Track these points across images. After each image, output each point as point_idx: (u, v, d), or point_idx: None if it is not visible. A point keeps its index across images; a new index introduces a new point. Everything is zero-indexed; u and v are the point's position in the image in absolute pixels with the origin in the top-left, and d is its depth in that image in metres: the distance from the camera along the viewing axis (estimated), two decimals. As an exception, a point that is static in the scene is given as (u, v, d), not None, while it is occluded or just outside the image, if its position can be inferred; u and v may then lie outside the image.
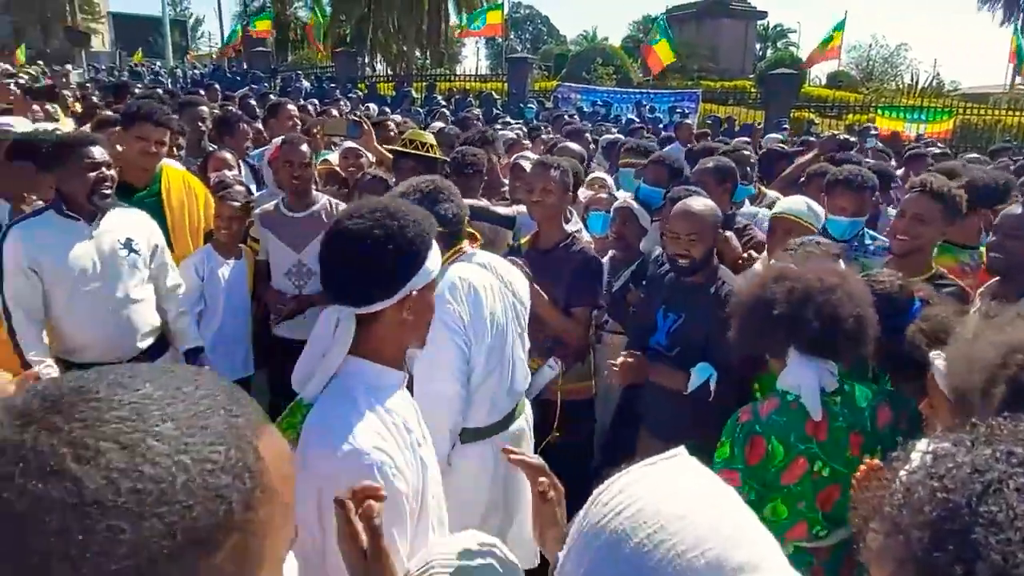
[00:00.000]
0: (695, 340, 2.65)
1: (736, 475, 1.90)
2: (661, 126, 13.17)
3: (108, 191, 2.76)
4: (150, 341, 2.97)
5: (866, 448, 1.97)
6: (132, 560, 0.47)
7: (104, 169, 2.73)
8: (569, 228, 3.20)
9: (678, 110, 16.13)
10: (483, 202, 3.63)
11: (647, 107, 16.35)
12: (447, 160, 3.69)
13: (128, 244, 2.85)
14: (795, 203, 3.13)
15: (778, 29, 49.63)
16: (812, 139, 8.76)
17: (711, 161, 3.45)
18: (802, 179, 4.02)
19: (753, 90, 23.71)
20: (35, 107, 6.14)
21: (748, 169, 3.89)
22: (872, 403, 2.02)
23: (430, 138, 3.74)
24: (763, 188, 4.46)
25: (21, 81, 8.08)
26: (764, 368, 2.48)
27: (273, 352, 3.59)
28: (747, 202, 3.99)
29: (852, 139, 5.79)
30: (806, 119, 17.00)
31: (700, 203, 2.70)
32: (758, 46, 40.21)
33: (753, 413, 1.98)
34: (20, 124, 4.05)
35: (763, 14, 35.83)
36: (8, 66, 20.25)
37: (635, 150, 4.71)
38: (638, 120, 12.45)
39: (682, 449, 0.79)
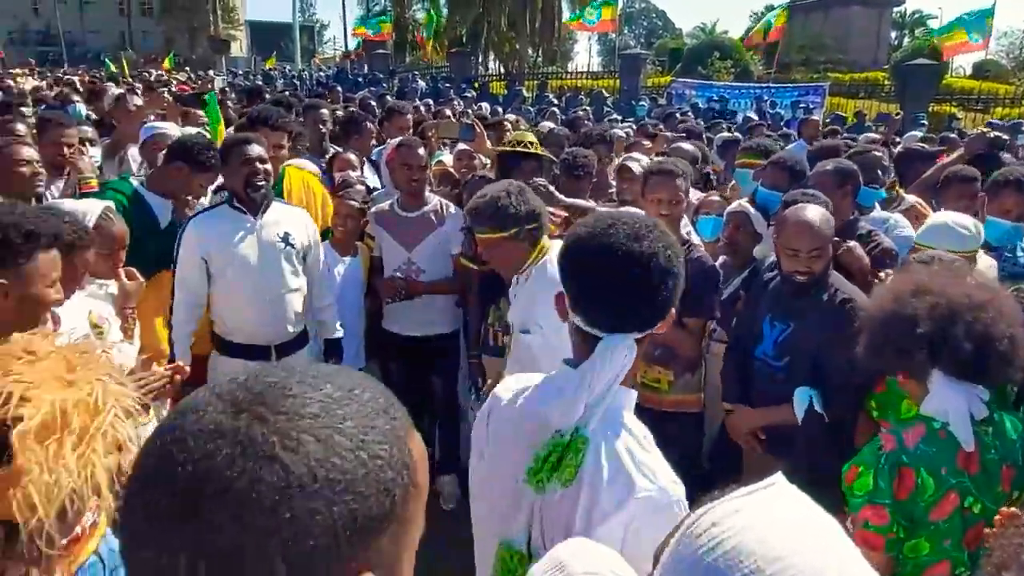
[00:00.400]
0: (806, 351, 2.51)
1: (884, 511, 1.73)
2: (783, 123, 12.60)
3: (261, 184, 2.98)
4: (300, 329, 3.19)
5: (1017, 484, 1.79)
6: (323, 539, 0.53)
7: (258, 164, 2.97)
8: (683, 233, 3.08)
9: (802, 105, 15.37)
10: (590, 203, 3.59)
11: (767, 102, 15.66)
12: (554, 159, 3.68)
13: (286, 238, 3.07)
14: (943, 234, 2.63)
15: (916, 16, 46.35)
16: (954, 136, 8.10)
17: (831, 163, 3.23)
18: (939, 183, 3.70)
19: (887, 83, 22.21)
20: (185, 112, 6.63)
21: (879, 171, 3.62)
22: (1022, 434, 1.83)
23: (532, 137, 3.76)
24: (900, 191, 4.13)
25: (173, 89, 8.78)
26: (880, 383, 2.33)
27: (383, 345, 3.78)
28: (877, 206, 3.71)
29: (1004, 136, 5.18)
30: (947, 113, 15.76)
31: (817, 214, 2.52)
32: (893, 35, 37.61)
33: (898, 442, 1.79)
34: (171, 129, 4.41)
35: (899, 0, 33.52)
36: (160, 72, 22.20)
37: (754, 149, 4.51)
38: (756, 117, 11.91)
39: (780, 476, 0.75)
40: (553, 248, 2.52)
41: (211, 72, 21.53)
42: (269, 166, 3.06)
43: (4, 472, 0.90)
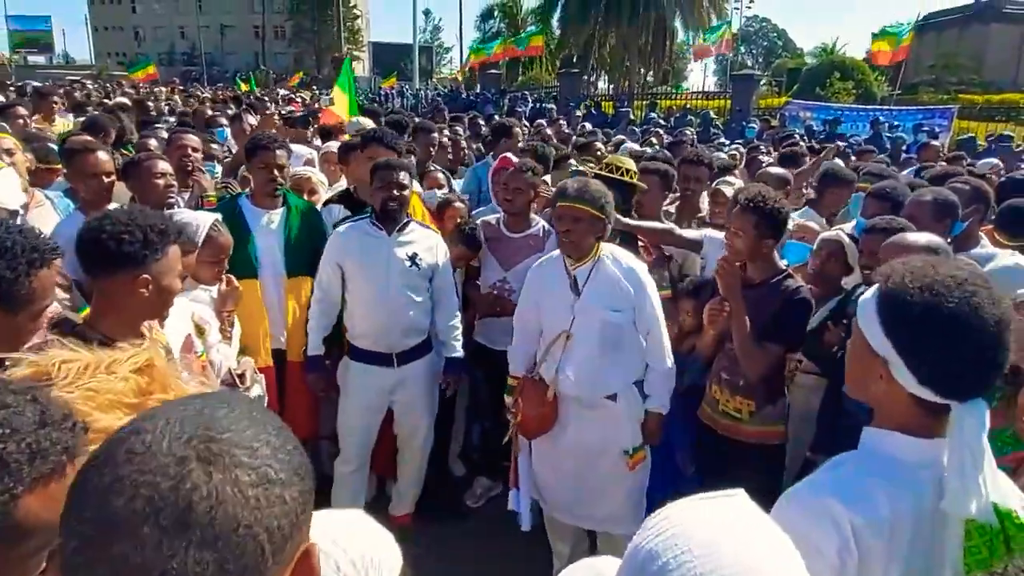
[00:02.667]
0: None
1: None
2: (904, 147, 11.96)
3: (394, 208, 3.30)
4: (417, 341, 3.44)
5: None
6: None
7: (395, 191, 3.27)
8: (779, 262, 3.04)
9: (925, 128, 14.52)
10: (669, 225, 3.63)
11: (885, 125, 14.89)
12: (645, 187, 3.71)
13: (413, 258, 3.36)
14: None
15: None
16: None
17: (928, 192, 3.10)
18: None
19: (1027, 105, 20.66)
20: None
21: (985, 202, 3.44)
22: None
23: (630, 163, 3.79)
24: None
25: (292, 107, 9.41)
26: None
27: (472, 355, 3.88)
28: (986, 240, 3.52)
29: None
30: (1094, 138, 14.45)
31: (922, 238, 2.46)
32: (1038, 53, 34.76)
33: None
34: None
35: (1046, 16, 30.99)
36: (287, 92, 23.76)
37: (874, 174, 4.37)
38: (862, 142, 11.19)
39: (740, 491, 0.82)
40: (607, 248, 2.91)
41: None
42: (408, 192, 3.37)
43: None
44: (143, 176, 3.36)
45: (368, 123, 4.82)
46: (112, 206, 3.44)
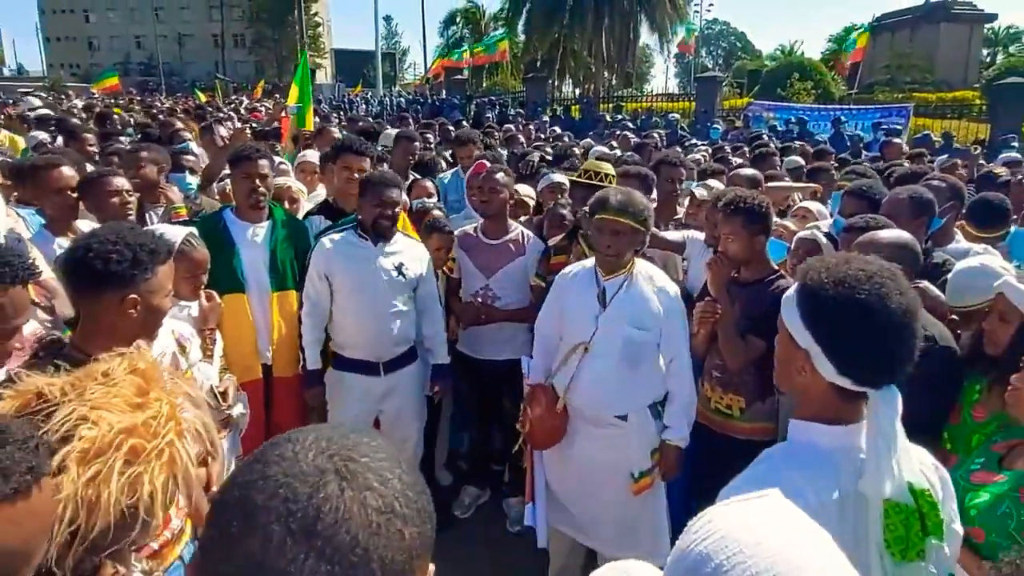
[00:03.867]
0: None
1: None
2: (862, 145, 12.23)
3: (387, 225, 3.28)
4: (403, 349, 3.43)
5: None
6: (401, 556, 0.66)
7: (388, 210, 3.26)
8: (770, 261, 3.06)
9: (884, 127, 14.86)
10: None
11: (846, 124, 15.22)
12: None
13: (399, 268, 3.34)
14: None
15: (1011, 32, 44.14)
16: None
17: (905, 191, 3.17)
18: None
19: (979, 102, 21.25)
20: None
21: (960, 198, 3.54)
22: None
23: (608, 168, 3.81)
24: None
25: (255, 126, 9.25)
26: (955, 416, 2.31)
27: (455, 365, 3.85)
28: (960, 236, 3.61)
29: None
30: (1043, 134, 14.92)
31: (888, 234, 2.52)
32: (985, 52, 35.92)
33: None
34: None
35: (992, 16, 32.09)
36: (251, 102, 23.44)
37: (858, 173, 4.44)
38: (825, 141, 11.37)
39: (775, 490, 0.87)
40: (641, 264, 2.87)
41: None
42: (399, 209, 3.36)
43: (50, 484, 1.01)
44: (99, 194, 3.25)
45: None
46: (80, 222, 3.36)
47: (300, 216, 3.95)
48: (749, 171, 4.76)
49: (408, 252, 3.41)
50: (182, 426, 1.18)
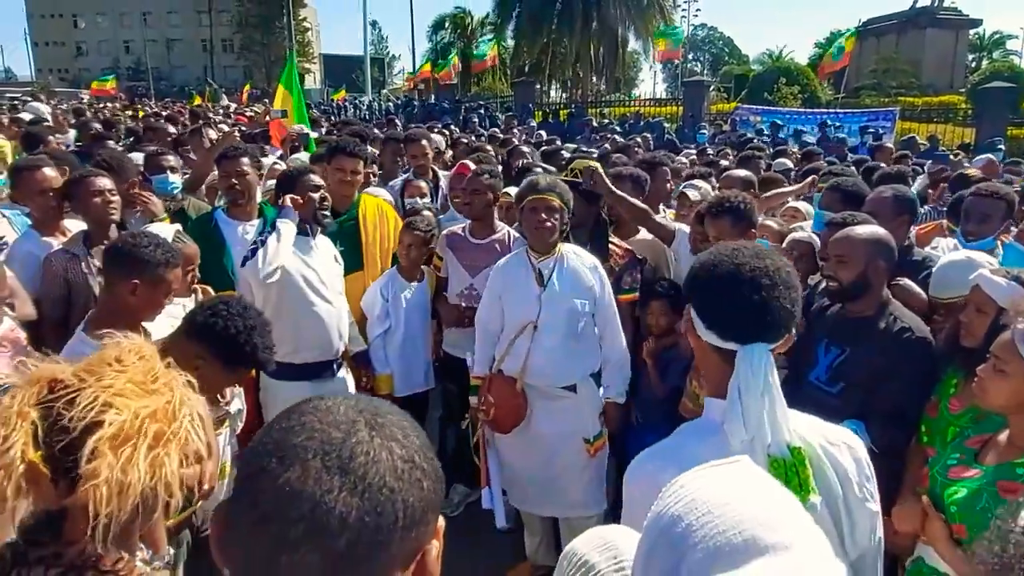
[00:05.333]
0: (859, 377, 2.51)
1: None
2: (847, 148, 12.37)
3: (326, 211, 3.28)
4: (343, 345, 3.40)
5: None
6: (420, 504, 0.72)
7: (323, 191, 3.27)
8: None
9: (870, 130, 15.04)
10: (638, 203, 3.69)
11: (832, 127, 15.38)
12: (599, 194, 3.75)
13: (335, 259, 3.34)
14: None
15: (995, 37, 44.71)
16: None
17: (888, 189, 3.25)
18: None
19: (964, 106, 21.52)
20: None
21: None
22: None
23: (595, 164, 3.87)
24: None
25: (243, 129, 9.23)
26: (932, 409, 2.36)
27: (443, 366, 3.93)
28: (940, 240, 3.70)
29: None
30: (1027, 137, 15.16)
31: (862, 229, 2.59)
32: (970, 57, 36.34)
33: None
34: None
35: (976, 22, 32.47)
36: (234, 104, 23.39)
37: (836, 174, 4.51)
38: (813, 142, 11.55)
39: (745, 456, 0.92)
40: (567, 245, 3.09)
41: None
42: (327, 194, 3.34)
43: (82, 472, 1.05)
44: (83, 194, 3.23)
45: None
46: (68, 222, 3.37)
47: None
48: (742, 172, 4.83)
49: (328, 243, 3.41)
50: (194, 410, 1.21)
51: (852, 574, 1.42)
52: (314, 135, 7.68)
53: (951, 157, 10.53)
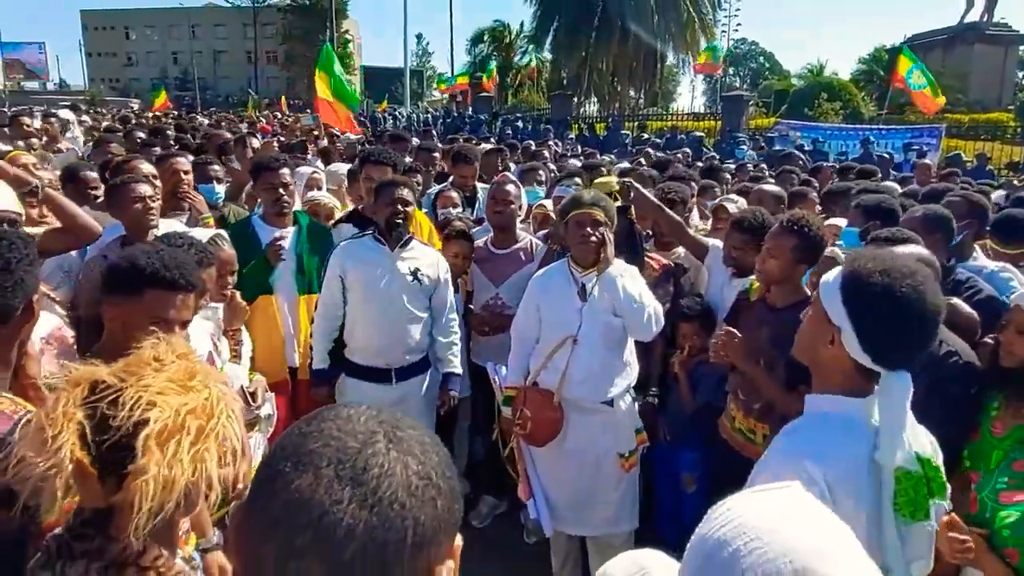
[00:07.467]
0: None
1: None
2: (892, 166, 12.13)
3: (397, 222, 3.30)
4: (416, 358, 3.44)
5: None
6: (432, 524, 0.70)
7: (399, 206, 3.30)
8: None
9: (915, 147, 14.70)
10: (675, 217, 3.69)
11: (874, 144, 15.07)
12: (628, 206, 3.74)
13: (415, 273, 3.36)
14: None
15: (1048, 53, 43.36)
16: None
17: (920, 208, 3.17)
18: None
19: (1013, 124, 20.94)
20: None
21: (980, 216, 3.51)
22: None
23: (615, 186, 3.87)
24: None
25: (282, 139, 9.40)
26: (975, 433, 2.29)
27: (473, 375, 3.93)
28: (979, 253, 3.59)
29: None
30: (1079, 156, 14.68)
31: (903, 250, 2.48)
32: (1020, 74, 35.36)
33: None
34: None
35: (1027, 37, 31.55)
36: (278, 114, 23.91)
37: (870, 190, 4.42)
38: (852, 158, 11.30)
39: (796, 482, 0.88)
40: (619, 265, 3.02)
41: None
42: (411, 208, 3.38)
43: (132, 468, 1.08)
44: (123, 201, 3.25)
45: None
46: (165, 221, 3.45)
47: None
48: (775, 188, 4.78)
49: (425, 258, 3.42)
50: (230, 407, 1.24)
51: None
52: (354, 137, 7.75)
53: (996, 175, 10.26)
